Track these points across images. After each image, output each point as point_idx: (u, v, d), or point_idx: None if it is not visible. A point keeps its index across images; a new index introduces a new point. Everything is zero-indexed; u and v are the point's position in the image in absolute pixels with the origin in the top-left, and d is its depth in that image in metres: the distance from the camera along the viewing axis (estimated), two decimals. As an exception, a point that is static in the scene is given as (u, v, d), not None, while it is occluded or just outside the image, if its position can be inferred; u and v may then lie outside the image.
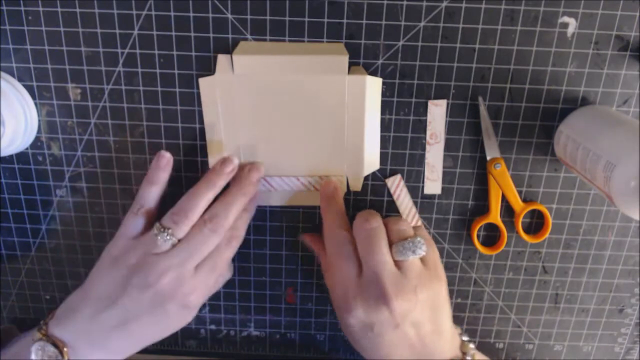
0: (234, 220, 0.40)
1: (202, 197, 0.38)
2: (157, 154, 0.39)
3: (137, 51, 0.40)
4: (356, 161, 0.42)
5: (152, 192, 0.40)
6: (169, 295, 0.37)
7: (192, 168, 0.43)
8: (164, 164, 0.40)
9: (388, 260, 0.37)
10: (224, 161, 0.40)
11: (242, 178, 0.40)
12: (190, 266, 0.38)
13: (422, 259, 0.38)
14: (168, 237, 0.37)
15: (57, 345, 0.37)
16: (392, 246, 0.38)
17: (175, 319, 0.39)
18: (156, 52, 0.40)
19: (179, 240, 0.38)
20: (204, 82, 0.40)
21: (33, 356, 0.37)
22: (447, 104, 0.41)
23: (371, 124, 0.41)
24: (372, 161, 0.42)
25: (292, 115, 0.40)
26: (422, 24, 0.39)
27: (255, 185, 0.41)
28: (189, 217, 0.38)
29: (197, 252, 0.38)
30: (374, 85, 0.40)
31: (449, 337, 0.38)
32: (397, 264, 0.37)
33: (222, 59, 0.39)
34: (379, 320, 0.36)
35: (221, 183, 0.40)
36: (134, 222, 0.39)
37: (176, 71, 0.40)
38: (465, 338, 0.40)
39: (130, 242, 0.39)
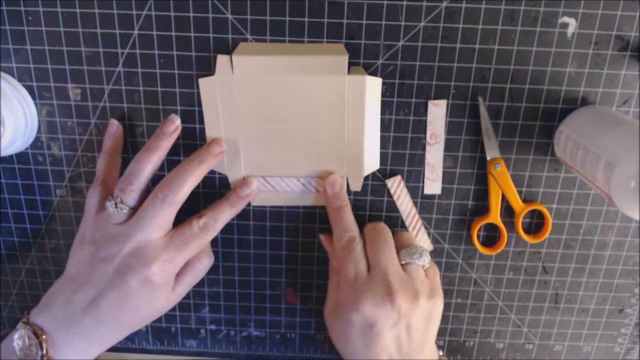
0: (219, 214, 0.40)
1: (145, 162, 0.38)
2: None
3: (137, 51, 0.40)
4: (356, 161, 0.42)
5: (102, 161, 0.40)
6: (129, 265, 0.37)
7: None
8: (113, 131, 0.41)
9: (396, 261, 0.39)
10: (165, 122, 0.39)
11: (232, 193, 0.42)
12: (149, 236, 0.37)
13: (425, 274, 0.40)
14: (119, 206, 0.37)
15: (37, 333, 0.37)
16: (399, 251, 0.40)
17: (140, 297, 0.37)
18: (156, 52, 0.40)
19: (134, 210, 0.38)
20: (203, 83, 0.40)
21: (15, 345, 0.37)
22: (447, 104, 0.41)
23: (371, 124, 0.41)
24: (372, 161, 0.42)
25: (292, 116, 0.40)
26: (422, 24, 0.39)
27: (243, 200, 0.42)
28: (132, 183, 0.38)
29: (152, 222, 0.37)
30: (374, 85, 0.40)
31: (429, 353, 0.40)
32: (403, 267, 0.39)
33: (221, 60, 0.39)
34: (381, 317, 0.37)
35: (164, 145, 0.39)
36: (93, 197, 0.39)
37: (176, 71, 0.40)
38: (444, 358, 0.42)
39: (94, 218, 0.39)
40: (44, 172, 0.44)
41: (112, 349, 0.49)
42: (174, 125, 0.40)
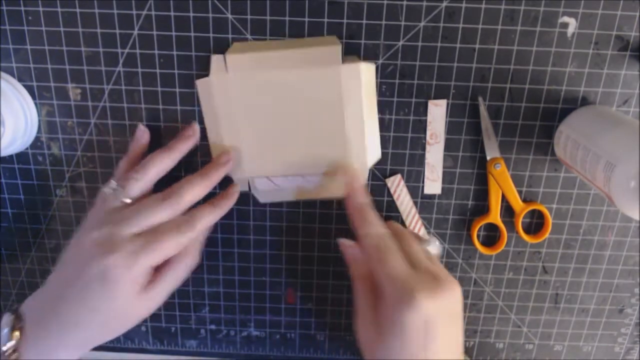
0: (199, 214, 0.38)
1: (156, 159, 0.38)
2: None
3: (137, 51, 0.40)
4: (359, 152, 0.41)
5: (123, 163, 0.41)
6: (93, 254, 0.34)
7: (192, 168, 0.43)
8: (139, 136, 0.41)
9: (423, 253, 0.37)
10: (186, 127, 0.41)
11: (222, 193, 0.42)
12: (125, 230, 0.35)
13: None
14: (115, 189, 0.37)
15: (14, 323, 0.35)
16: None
17: (99, 293, 0.34)
18: (156, 52, 0.40)
19: (131, 202, 0.38)
20: (200, 84, 0.40)
21: (3, 330, 0.35)
22: (447, 104, 0.41)
23: (369, 112, 0.40)
24: (374, 150, 0.42)
25: (290, 111, 0.40)
26: (422, 24, 0.39)
27: (231, 198, 0.41)
28: (137, 172, 0.38)
29: (140, 218, 0.36)
30: (368, 72, 0.39)
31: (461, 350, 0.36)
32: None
33: (215, 60, 0.39)
34: (439, 308, 0.33)
35: (179, 147, 0.40)
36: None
37: (176, 71, 0.40)
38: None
39: (97, 211, 0.39)
40: (44, 172, 0.44)
41: (112, 349, 0.50)
42: (192, 130, 0.41)
